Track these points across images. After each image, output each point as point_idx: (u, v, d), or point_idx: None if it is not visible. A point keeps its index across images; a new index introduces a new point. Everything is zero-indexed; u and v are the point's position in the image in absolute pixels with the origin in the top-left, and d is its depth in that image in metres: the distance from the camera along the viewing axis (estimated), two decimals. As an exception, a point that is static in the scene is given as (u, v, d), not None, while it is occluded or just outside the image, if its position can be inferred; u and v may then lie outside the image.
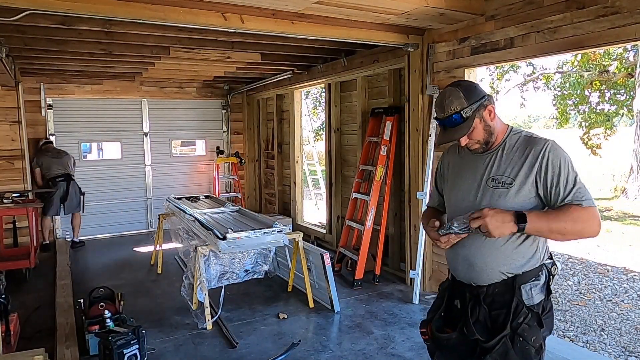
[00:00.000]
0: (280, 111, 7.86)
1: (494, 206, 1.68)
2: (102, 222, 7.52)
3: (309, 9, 3.54)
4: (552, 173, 1.65)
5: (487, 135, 1.75)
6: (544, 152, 1.66)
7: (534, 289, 1.71)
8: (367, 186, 5.24)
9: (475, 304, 1.76)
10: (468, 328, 1.74)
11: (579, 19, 3.06)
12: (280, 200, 8.05)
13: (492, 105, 1.74)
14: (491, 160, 1.76)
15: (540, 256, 1.75)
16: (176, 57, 5.48)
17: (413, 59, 4.46)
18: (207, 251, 3.93)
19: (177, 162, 8.19)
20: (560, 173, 1.64)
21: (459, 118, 1.70)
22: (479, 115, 1.71)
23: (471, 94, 1.71)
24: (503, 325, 1.68)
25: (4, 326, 3.23)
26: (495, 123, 1.76)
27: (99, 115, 7.47)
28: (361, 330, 3.82)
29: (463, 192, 1.82)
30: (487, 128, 1.74)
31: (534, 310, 1.70)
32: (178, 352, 3.48)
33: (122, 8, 3.18)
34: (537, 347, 1.68)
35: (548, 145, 1.67)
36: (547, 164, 1.65)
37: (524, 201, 1.68)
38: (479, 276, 1.76)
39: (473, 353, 1.73)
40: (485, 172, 1.76)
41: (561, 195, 1.64)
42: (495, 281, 1.73)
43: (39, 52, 5.09)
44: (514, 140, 1.75)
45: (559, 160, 1.65)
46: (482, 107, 1.71)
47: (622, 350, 3.72)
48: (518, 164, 1.70)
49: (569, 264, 6.03)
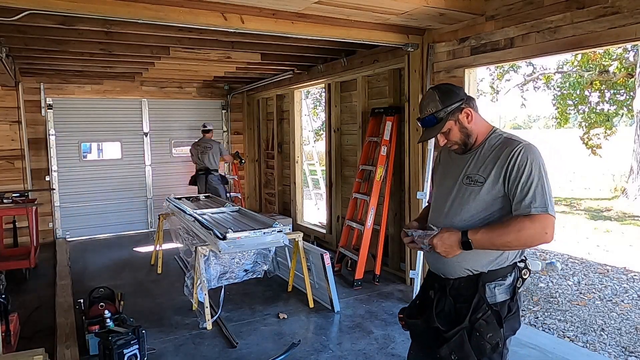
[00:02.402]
0: (280, 111, 7.86)
1: (464, 204, 1.77)
2: (102, 222, 7.52)
3: (309, 9, 3.54)
4: (515, 174, 1.68)
5: (464, 137, 1.82)
6: (515, 152, 1.70)
7: (498, 288, 1.76)
8: (367, 186, 5.24)
9: (442, 295, 1.84)
10: (430, 316, 1.83)
11: (579, 19, 3.06)
12: (280, 200, 8.05)
13: (470, 109, 1.81)
14: (469, 160, 1.83)
15: (509, 256, 1.78)
16: (176, 57, 5.48)
17: (413, 59, 4.46)
18: (207, 251, 3.93)
19: (177, 162, 8.19)
20: (522, 175, 1.67)
21: (434, 119, 1.80)
22: (453, 117, 1.79)
23: (447, 97, 1.80)
24: (464, 318, 1.74)
25: (4, 326, 3.23)
26: (474, 125, 1.82)
27: (99, 115, 7.47)
28: (361, 330, 3.82)
29: (443, 190, 1.91)
30: (464, 130, 1.81)
31: (495, 309, 1.74)
32: (178, 352, 3.48)
33: (122, 8, 3.17)
34: (493, 345, 1.72)
35: (520, 147, 1.71)
36: (514, 165, 1.69)
37: (493, 200, 1.74)
38: (446, 269, 1.84)
39: (437, 341, 1.80)
40: (462, 171, 1.83)
41: (516, 198, 1.68)
42: (460, 276, 1.80)
43: (39, 52, 5.09)
44: (494, 142, 1.81)
45: (525, 162, 1.68)
46: (457, 110, 1.79)
47: (622, 350, 3.72)
48: (491, 164, 1.75)
49: (569, 264, 6.03)
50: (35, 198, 6.00)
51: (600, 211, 9.92)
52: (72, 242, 7.11)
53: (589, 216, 9.37)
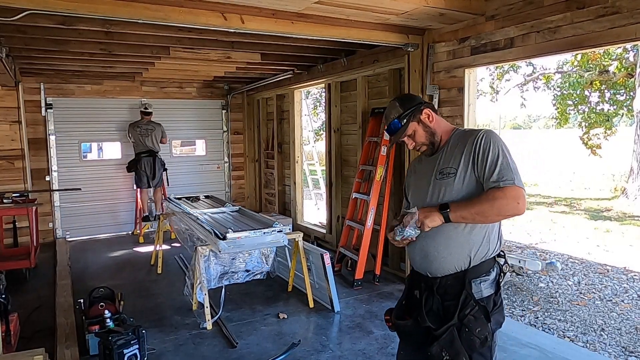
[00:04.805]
0: (280, 111, 7.85)
1: (443, 196, 1.85)
2: (102, 222, 7.52)
3: (309, 9, 3.54)
4: (481, 157, 1.80)
5: (430, 136, 1.97)
6: (477, 138, 1.83)
7: (483, 283, 1.83)
8: (367, 186, 5.24)
9: (430, 294, 1.89)
10: (421, 316, 1.87)
11: (579, 19, 3.06)
12: (280, 200, 8.04)
13: (429, 110, 1.97)
14: (439, 158, 1.94)
15: (491, 248, 1.87)
16: (176, 57, 5.48)
17: (413, 59, 4.46)
18: (207, 251, 3.93)
19: (177, 162, 8.19)
20: (488, 156, 1.79)
21: (398, 124, 1.95)
22: (415, 119, 1.95)
23: (406, 103, 1.98)
24: (452, 315, 1.80)
25: (4, 326, 3.23)
26: (436, 125, 1.97)
27: (99, 115, 7.46)
28: (361, 330, 3.82)
29: (419, 190, 1.99)
30: (427, 129, 1.96)
31: (482, 304, 1.81)
32: (178, 352, 3.48)
33: (122, 8, 3.17)
34: (482, 339, 1.78)
35: (482, 133, 1.85)
36: (479, 149, 1.81)
37: (468, 188, 1.83)
38: (432, 266, 1.89)
39: (427, 340, 1.84)
40: (434, 169, 1.94)
41: (485, 176, 1.78)
42: (447, 273, 1.86)
43: (39, 52, 5.09)
44: (458, 136, 1.94)
45: (489, 144, 1.80)
46: (417, 112, 1.95)
47: (622, 350, 3.72)
48: (459, 154, 1.86)
49: (569, 264, 6.03)
50: (35, 198, 6.00)
51: (600, 211, 9.92)
52: (72, 242, 7.11)
53: (589, 216, 9.37)
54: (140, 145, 7.04)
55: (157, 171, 7.00)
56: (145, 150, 7.02)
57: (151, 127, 7.12)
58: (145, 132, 7.06)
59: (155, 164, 7.01)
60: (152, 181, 7.01)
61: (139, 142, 7.04)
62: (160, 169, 7.08)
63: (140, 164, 6.98)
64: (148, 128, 7.09)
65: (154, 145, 7.08)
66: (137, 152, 7.06)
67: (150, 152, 7.03)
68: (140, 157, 6.99)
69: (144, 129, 7.07)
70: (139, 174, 7.01)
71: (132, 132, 7.07)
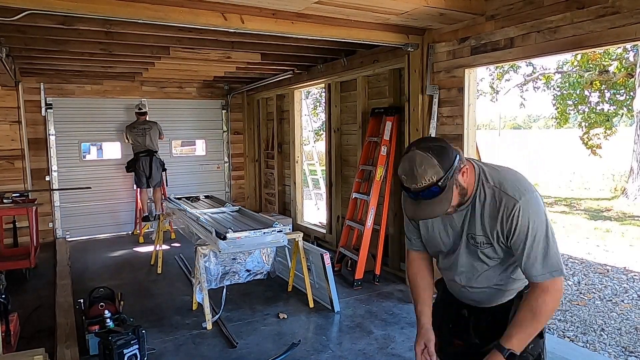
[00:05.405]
0: (280, 111, 7.86)
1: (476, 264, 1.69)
2: (102, 222, 7.52)
3: (309, 9, 3.54)
4: (517, 238, 1.56)
5: (462, 198, 1.60)
6: (513, 215, 1.55)
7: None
8: (367, 186, 5.24)
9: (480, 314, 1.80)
10: (468, 335, 1.77)
11: (579, 19, 3.06)
12: (280, 200, 8.04)
13: (465, 166, 1.57)
14: (465, 216, 1.66)
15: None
16: (176, 57, 5.48)
17: (413, 59, 4.46)
18: (207, 251, 3.93)
19: (177, 162, 8.19)
20: (526, 240, 1.55)
21: (438, 190, 1.49)
22: (456, 182, 1.53)
23: (445, 158, 1.49)
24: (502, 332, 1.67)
25: (4, 326, 3.23)
26: (469, 182, 1.60)
27: (99, 115, 7.47)
28: (361, 330, 3.82)
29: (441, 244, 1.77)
30: (463, 191, 1.58)
31: None
32: (178, 352, 3.48)
33: (122, 8, 3.17)
34: (535, 356, 1.68)
35: (518, 207, 1.54)
36: (516, 228, 1.56)
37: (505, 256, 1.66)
38: (477, 301, 1.80)
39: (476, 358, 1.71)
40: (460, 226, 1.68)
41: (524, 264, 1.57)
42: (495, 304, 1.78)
43: (39, 52, 5.09)
44: (485, 196, 1.62)
45: (527, 225, 1.54)
46: (457, 171, 1.52)
47: (622, 350, 3.72)
48: (490, 223, 1.61)
49: (569, 264, 6.03)
50: (35, 198, 6.00)
51: (600, 211, 9.92)
52: (72, 242, 7.11)
53: (589, 216, 9.37)
54: (139, 146, 7.04)
55: (154, 171, 6.99)
56: (144, 150, 7.02)
57: (147, 126, 7.12)
58: (142, 132, 7.04)
59: (152, 164, 7.00)
60: (150, 181, 7.00)
61: (137, 143, 7.04)
62: (158, 168, 7.06)
63: (138, 163, 6.98)
64: (144, 127, 7.09)
65: (152, 144, 7.07)
66: (135, 152, 7.07)
67: (149, 151, 7.02)
68: (139, 157, 7.00)
69: (140, 129, 7.06)
70: (138, 174, 7.01)
71: (130, 134, 7.06)
